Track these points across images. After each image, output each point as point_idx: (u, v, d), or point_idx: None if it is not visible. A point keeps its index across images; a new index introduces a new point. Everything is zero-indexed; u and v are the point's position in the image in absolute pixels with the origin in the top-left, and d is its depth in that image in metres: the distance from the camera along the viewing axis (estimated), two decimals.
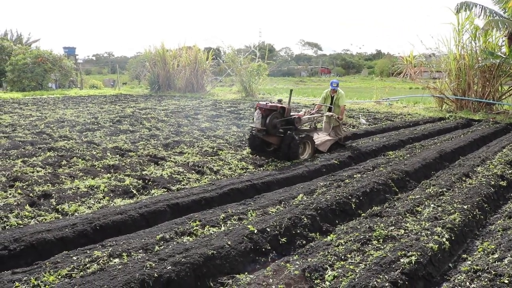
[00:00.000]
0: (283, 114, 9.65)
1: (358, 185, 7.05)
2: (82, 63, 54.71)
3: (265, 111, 9.46)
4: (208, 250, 4.49)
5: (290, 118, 9.77)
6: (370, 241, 5.00)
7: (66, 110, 19.77)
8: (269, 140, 9.59)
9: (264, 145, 9.93)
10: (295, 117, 9.83)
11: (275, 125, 9.41)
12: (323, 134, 10.89)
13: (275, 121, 9.41)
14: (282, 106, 9.64)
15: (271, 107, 9.45)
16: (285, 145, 9.37)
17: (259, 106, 9.55)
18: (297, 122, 9.85)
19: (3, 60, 37.89)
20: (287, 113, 9.74)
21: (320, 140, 10.44)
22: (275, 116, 9.43)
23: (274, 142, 9.67)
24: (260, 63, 28.97)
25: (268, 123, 9.31)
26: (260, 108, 9.49)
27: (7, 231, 5.16)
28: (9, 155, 9.56)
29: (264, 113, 9.43)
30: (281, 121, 9.55)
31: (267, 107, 9.44)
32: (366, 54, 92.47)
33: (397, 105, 22.36)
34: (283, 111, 9.65)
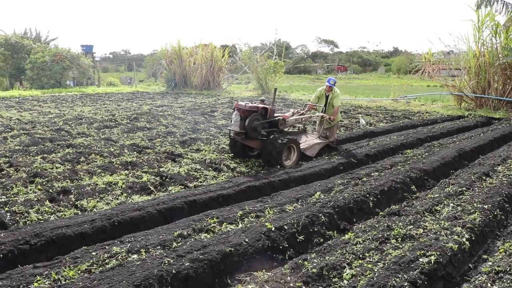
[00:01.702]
0: (265, 115, 8.88)
1: (376, 183, 6.99)
2: (100, 61, 55.31)
3: (244, 112, 8.64)
4: (226, 247, 4.49)
5: (274, 120, 8.97)
6: (388, 240, 4.95)
7: (84, 107, 19.99)
8: (250, 144, 8.87)
9: (247, 149, 9.24)
10: (279, 119, 9.00)
11: (255, 127, 8.63)
12: (313, 137, 10.18)
13: (256, 123, 8.63)
14: (264, 106, 8.88)
15: (251, 108, 8.64)
16: (267, 149, 8.57)
17: (237, 106, 8.77)
18: (281, 124, 9.03)
19: (22, 58, 38.47)
20: (270, 114, 8.95)
21: (307, 143, 9.66)
22: (256, 118, 8.65)
23: (256, 146, 8.94)
24: (276, 61, 28.90)
25: (248, 126, 8.50)
26: (239, 109, 8.71)
27: (28, 226, 5.24)
28: (29, 152, 9.70)
29: (243, 115, 8.62)
30: (262, 123, 8.79)
31: (246, 108, 8.64)
32: (383, 52, 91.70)
33: (414, 103, 22.11)
34: (265, 112, 8.88)
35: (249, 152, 9.28)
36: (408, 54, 63.93)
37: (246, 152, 9.24)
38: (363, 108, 19.64)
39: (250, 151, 9.27)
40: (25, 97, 26.71)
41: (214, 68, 32.84)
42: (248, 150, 9.24)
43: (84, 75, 39.57)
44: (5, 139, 11.36)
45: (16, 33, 42.74)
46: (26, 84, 37.21)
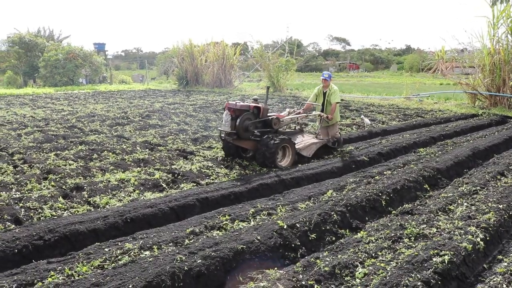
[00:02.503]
0: (257, 114, 8.55)
1: (388, 182, 6.94)
2: (112, 59, 55.66)
3: (235, 111, 8.30)
4: (238, 245, 4.49)
5: (267, 119, 8.66)
6: (401, 239, 4.91)
7: (97, 104, 20.14)
8: (241, 144, 8.56)
9: (240, 150, 8.92)
10: (272, 118, 8.68)
11: (246, 127, 8.29)
12: (309, 137, 9.79)
13: (247, 123, 8.29)
14: (256, 105, 8.54)
15: (242, 107, 8.34)
16: (260, 150, 8.30)
17: (228, 106, 8.44)
18: (275, 124, 8.71)
19: (36, 56, 38.84)
20: (263, 113, 8.61)
21: (303, 143, 9.28)
22: (247, 118, 8.32)
23: (248, 147, 8.65)
24: (288, 58, 28.83)
25: (239, 126, 8.16)
26: (229, 108, 8.37)
27: (42, 222, 5.29)
28: (43, 149, 9.80)
29: (234, 114, 8.28)
30: (255, 123, 8.46)
31: (237, 107, 8.31)
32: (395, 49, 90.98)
33: (427, 101, 21.92)
34: (257, 111, 8.55)
35: (242, 153, 8.97)
36: (421, 51, 63.32)
37: (240, 153, 8.95)
38: (375, 106, 19.51)
39: (243, 152, 8.98)
40: (39, 95, 26.98)
41: (226, 66, 32.85)
42: (242, 151, 8.94)
43: (97, 73, 39.85)
44: (19, 136, 11.48)
45: (29, 31, 43.15)
46: (39, 82, 37.59)
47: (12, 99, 23.65)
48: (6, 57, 40.78)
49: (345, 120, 14.87)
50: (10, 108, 18.76)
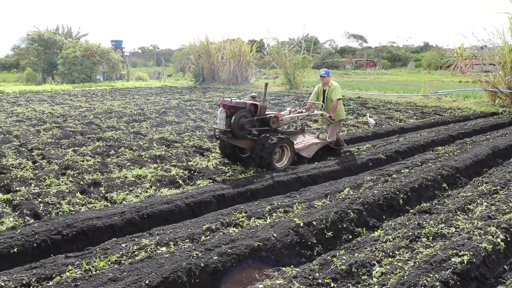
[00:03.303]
0: (254, 112, 8.19)
1: (406, 180, 6.85)
2: (129, 56, 56.05)
3: (230, 109, 7.93)
4: (254, 242, 4.48)
5: (265, 118, 8.33)
6: (419, 238, 4.84)
7: (114, 101, 20.31)
8: (237, 144, 8.16)
9: (237, 150, 8.55)
10: (271, 117, 8.33)
11: (242, 126, 7.89)
12: (311, 137, 9.48)
13: (243, 121, 7.89)
14: (253, 103, 8.17)
15: (237, 104, 7.98)
16: (256, 150, 7.92)
17: (223, 103, 8.06)
18: (273, 122, 8.34)
19: (54, 53, 39.34)
20: (261, 111, 8.26)
21: (303, 143, 8.94)
22: (243, 115, 7.92)
23: (245, 146, 8.27)
24: (305, 55, 28.71)
25: (234, 124, 7.78)
26: (224, 105, 8.00)
27: (60, 217, 5.35)
28: (61, 144, 9.92)
29: (229, 112, 7.92)
30: (251, 121, 8.08)
31: (232, 104, 7.94)
32: (413, 46, 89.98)
33: (446, 99, 21.61)
34: (254, 109, 8.18)
35: (239, 153, 8.63)
36: (439, 49, 62.46)
37: (237, 153, 8.60)
38: (393, 103, 19.31)
39: (241, 152, 8.64)
40: (57, 91, 27.32)
41: (242, 63, 32.87)
42: (239, 151, 8.58)
43: (114, 70, 40.20)
44: (38, 132, 11.64)
45: (48, 29, 43.72)
46: (58, 79, 38.06)
47: (31, 96, 23.98)
48: (26, 54, 41.44)
49: (351, 119, 14.74)
50: (29, 105, 19.04)
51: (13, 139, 10.74)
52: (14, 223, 5.34)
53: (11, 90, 27.35)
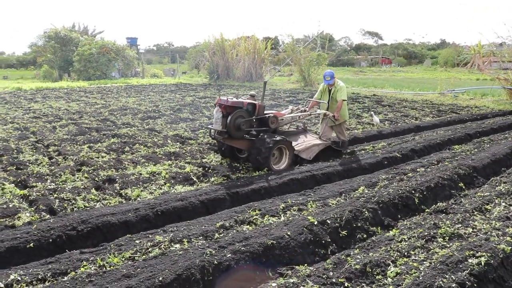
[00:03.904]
0: (252, 112, 7.92)
1: (421, 179, 6.77)
2: (144, 53, 56.34)
3: (226, 108, 7.64)
4: (268, 240, 4.46)
5: (264, 118, 8.07)
6: (435, 238, 4.77)
7: (129, 98, 20.44)
8: (234, 144, 7.92)
9: (235, 150, 8.33)
10: (269, 116, 8.07)
11: (238, 126, 7.62)
12: (313, 137, 9.07)
13: (239, 121, 7.62)
14: (251, 102, 7.91)
15: (234, 104, 7.65)
16: (253, 151, 7.67)
17: (219, 102, 7.76)
18: (272, 122, 8.08)
19: (71, 51, 39.71)
20: (259, 111, 7.99)
21: (304, 144, 8.59)
22: (239, 115, 7.65)
23: (242, 147, 8.01)
24: (320, 53, 28.57)
25: (230, 124, 7.51)
26: (220, 104, 7.71)
27: (75, 213, 5.40)
28: (76, 141, 10.01)
29: (225, 111, 7.63)
30: (248, 121, 7.81)
31: (229, 104, 7.63)
32: (429, 44, 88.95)
33: (463, 97, 21.34)
34: (252, 108, 7.92)
35: (238, 154, 8.42)
36: (456, 46, 61.57)
37: (235, 154, 8.41)
38: (408, 101, 19.12)
39: (239, 152, 8.41)
40: (73, 88, 27.58)
41: (257, 60, 32.85)
42: (237, 151, 8.39)
43: (129, 67, 40.45)
44: (54, 129, 11.76)
45: (65, 26, 44.13)
46: (74, 76, 38.43)
47: (48, 93, 24.25)
48: (43, 51, 41.88)
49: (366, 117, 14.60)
50: (46, 101, 19.25)
51: (30, 135, 10.87)
52: (31, 219, 5.40)
53: (29, 87, 27.68)
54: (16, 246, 4.55)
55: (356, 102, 18.43)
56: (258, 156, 7.56)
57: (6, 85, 28.77)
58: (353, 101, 18.80)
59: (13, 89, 26.48)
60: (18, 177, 7.09)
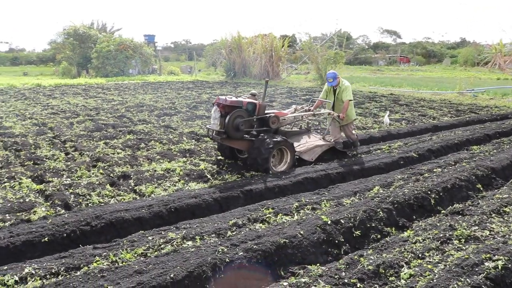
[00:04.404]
0: (252, 112, 7.68)
1: (438, 180, 6.66)
2: (161, 50, 56.55)
3: (224, 108, 7.41)
4: (280, 239, 4.44)
5: (265, 117, 7.81)
6: (450, 241, 4.69)
7: (145, 95, 20.57)
8: (232, 145, 7.69)
9: (235, 151, 8.10)
10: (270, 116, 7.80)
11: (237, 126, 7.36)
12: (316, 138, 8.75)
13: (238, 121, 7.36)
14: (251, 101, 7.68)
15: (232, 103, 7.41)
16: (252, 152, 7.45)
17: (218, 101, 7.54)
18: (273, 122, 7.81)
19: (89, 48, 40.10)
20: (260, 110, 7.74)
21: (306, 146, 8.29)
22: (238, 115, 7.39)
23: (241, 147, 7.77)
24: (337, 51, 28.39)
25: (228, 124, 7.26)
26: (218, 104, 7.49)
27: (90, 208, 5.45)
28: (93, 137, 10.10)
29: (223, 111, 7.40)
30: (248, 121, 7.57)
31: (227, 103, 7.39)
32: (449, 42, 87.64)
33: (482, 97, 20.98)
34: (252, 108, 7.67)
35: (239, 154, 8.18)
36: (477, 45, 60.63)
37: (235, 154, 8.17)
38: (426, 101, 18.87)
39: (239, 153, 8.16)
40: (91, 85, 27.87)
41: (274, 58, 32.75)
42: (237, 152, 8.14)
43: (146, 64, 40.71)
44: (71, 124, 11.90)
45: (84, 24, 44.57)
46: (92, 72, 38.81)
47: (66, 89, 24.55)
48: (62, 48, 42.39)
49: (382, 116, 14.44)
50: (64, 98, 19.48)
51: (48, 131, 11.01)
52: (46, 213, 5.46)
53: (48, 83, 28.06)
54: (31, 240, 4.61)
55: (373, 101, 18.27)
56: (257, 158, 7.34)
57: (26, 81, 29.18)
58: (370, 99, 18.64)
59: (32, 85, 26.87)
60: (35, 172, 7.18)
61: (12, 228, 4.85)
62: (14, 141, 9.60)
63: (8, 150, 8.86)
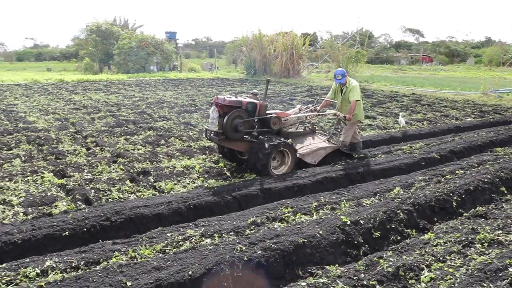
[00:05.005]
0: (252, 112, 7.38)
1: (460, 182, 6.53)
2: (182, 47, 56.88)
3: (223, 108, 7.10)
4: (299, 238, 4.41)
5: (266, 118, 7.52)
6: (472, 244, 4.60)
7: (166, 92, 20.70)
8: (231, 146, 7.39)
9: (236, 152, 7.81)
10: (271, 117, 7.51)
11: (236, 127, 7.08)
12: (320, 140, 8.39)
13: (237, 122, 7.08)
14: (251, 101, 7.37)
15: (231, 103, 7.12)
16: (252, 154, 7.18)
17: (216, 101, 7.26)
18: (274, 123, 7.53)
19: (111, 44, 40.55)
20: (260, 111, 7.45)
21: (310, 147, 7.99)
22: (237, 115, 7.11)
23: (240, 149, 7.49)
24: (358, 49, 28.13)
25: (226, 125, 6.99)
26: (217, 103, 7.20)
27: (110, 204, 5.50)
28: (114, 133, 10.20)
29: (222, 111, 7.10)
30: (247, 121, 7.27)
31: (225, 103, 7.09)
32: (473, 42, 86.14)
33: (508, 98, 20.53)
34: (252, 108, 7.37)
35: (239, 155, 7.87)
36: (503, 44, 59.46)
37: (235, 155, 7.90)
38: (449, 101, 18.57)
39: (240, 154, 7.85)
40: (112, 81, 28.15)
41: (294, 56, 32.61)
42: (238, 153, 7.84)
43: (167, 61, 40.97)
44: (93, 120, 12.04)
45: (106, 20, 45.09)
46: (113, 69, 39.24)
47: (88, 85, 24.84)
48: (85, 44, 42.96)
49: (404, 116, 14.24)
50: (86, 93, 19.73)
51: (70, 126, 11.17)
52: (67, 207, 5.53)
53: (70, 79, 28.45)
54: (52, 234, 4.67)
55: (395, 100, 18.05)
56: (256, 163, 7.09)
57: (49, 77, 29.66)
58: (391, 99, 18.42)
59: (55, 81, 27.27)
60: (57, 167, 7.29)
61: (34, 221, 4.93)
62: (37, 135, 9.76)
63: (31, 144, 9.01)
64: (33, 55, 68.83)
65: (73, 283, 3.56)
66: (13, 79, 27.76)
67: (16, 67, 50.09)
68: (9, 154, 8.21)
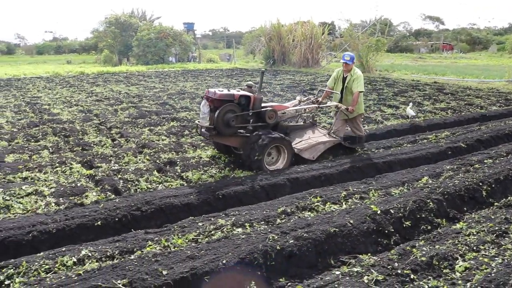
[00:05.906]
0: (246, 105, 7.04)
1: (489, 171, 6.43)
2: (200, 38, 56.87)
3: (214, 102, 6.76)
4: (330, 227, 4.40)
5: (261, 112, 7.14)
6: (506, 234, 4.52)
7: (186, 82, 20.77)
8: (224, 142, 7.15)
9: (231, 146, 7.46)
10: (266, 110, 7.11)
11: (227, 122, 6.74)
12: (321, 134, 7.91)
13: (228, 116, 6.74)
14: (244, 94, 7.00)
15: (221, 97, 6.74)
16: (245, 150, 6.88)
17: (207, 95, 6.89)
18: (270, 117, 7.13)
19: (130, 36, 40.81)
20: (255, 104, 7.08)
21: (308, 142, 7.53)
22: (229, 110, 6.76)
23: (233, 144, 7.20)
24: (378, 38, 27.77)
25: (217, 120, 6.66)
26: (207, 97, 6.86)
27: (139, 194, 5.56)
28: (137, 124, 10.29)
29: (212, 105, 6.78)
30: (240, 116, 6.93)
31: (216, 97, 6.72)
32: (495, 29, 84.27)
33: None
34: (246, 101, 7.02)
35: (235, 150, 7.48)
36: None
37: (230, 149, 7.57)
38: (472, 89, 18.25)
39: (235, 148, 7.44)
40: (132, 72, 28.35)
41: (313, 45, 32.33)
42: (233, 147, 7.47)
43: (186, 52, 41.08)
44: (115, 111, 12.15)
45: (124, 12, 45.38)
46: (132, 60, 39.54)
47: (109, 77, 25.06)
48: (104, 37, 43.28)
49: (426, 105, 14.04)
50: (107, 85, 19.90)
51: (93, 117, 11.29)
52: (97, 198, 5.61)
53: (90, 71, 28.74)
54: (85, 223, 4.75)
55: (417, 89, 17.81)
56: (250, 155, 6.78)
57: (70, 69, 29.99)
58: (413, 88, 18.19)
59: (76, 73, 27.57)
60: (84, 158, 7.38)
61: (67, 211, 5.01)
62: (62, 127, 9.89)
63: (57, 136, 9.14)
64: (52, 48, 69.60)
65: (110, 271, 3.61)
66: (35, 72, 28.13)
67: (37, 60, 50.72)
68: (37, 145, 8.34)
